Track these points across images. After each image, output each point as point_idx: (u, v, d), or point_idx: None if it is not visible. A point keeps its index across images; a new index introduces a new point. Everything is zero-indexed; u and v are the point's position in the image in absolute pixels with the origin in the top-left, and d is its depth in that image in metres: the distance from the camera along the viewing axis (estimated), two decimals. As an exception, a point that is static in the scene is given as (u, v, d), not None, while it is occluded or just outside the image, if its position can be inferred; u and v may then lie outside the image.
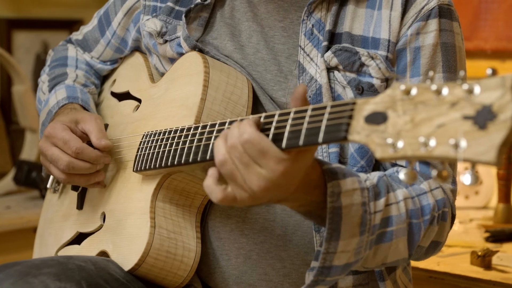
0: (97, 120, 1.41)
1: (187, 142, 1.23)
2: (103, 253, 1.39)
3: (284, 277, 1.33)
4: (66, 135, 1.38)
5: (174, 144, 1.26)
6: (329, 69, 1.32)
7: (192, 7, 1.42)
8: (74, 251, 1.46)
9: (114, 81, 1.60)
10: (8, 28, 2.90)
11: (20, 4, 2.95)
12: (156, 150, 1.30)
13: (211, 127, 1.19)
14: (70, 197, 1.53)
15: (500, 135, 0.82)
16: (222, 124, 1.17)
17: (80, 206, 1.49)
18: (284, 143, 1.05)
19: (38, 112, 1.63)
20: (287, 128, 1.05)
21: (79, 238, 1.47)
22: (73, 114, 1.45)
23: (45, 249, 1.55)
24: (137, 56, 1.57)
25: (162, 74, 1.47)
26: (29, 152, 2.80)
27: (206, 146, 1.18)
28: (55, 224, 1.55)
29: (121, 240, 1.36)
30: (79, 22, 3.00)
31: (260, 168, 1.04)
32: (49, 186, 1.57)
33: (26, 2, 2.97)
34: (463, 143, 0.84)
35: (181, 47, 1.41)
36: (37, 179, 2.66)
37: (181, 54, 1.40)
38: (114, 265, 1.33)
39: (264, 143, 1.04)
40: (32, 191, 2.79)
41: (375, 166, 1.34)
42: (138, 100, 1.49)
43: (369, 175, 1.21)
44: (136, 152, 1.37)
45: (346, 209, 1.12)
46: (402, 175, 0.92)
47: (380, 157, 0.92)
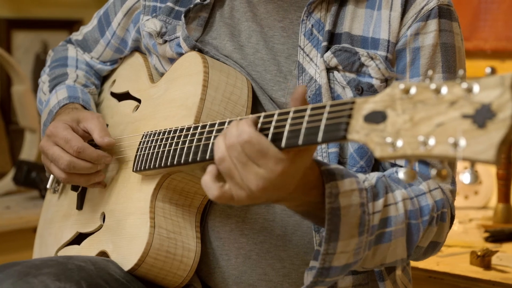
0: (99, 119, 1.41)
1: (187, 142, 1.23)
2: (103, 253, 1.39)
3: (284, 277, 1.33)
4: (68, 134, 1.38)
5: (174, 144, 1.26)
6: (329, 69, 1.32)
7: (192, 7, 1.42)
8: (74, 251, 1.46)
9: (114, 82, 1.60)
10: (8, 28, 2.90)
11: (20, 4, 2.95)
12: (156, 150, 1.30)
13: (211, 127, 1.19)
14: (70, 197, 1.53)
15: (499, 134, 0.82)
16: (222, 124, 1.17)
17: (80, 206, 1.49)
18: (284, 143, 1.05)
19: (40, 113, 1.63)
20: (287, 128, 1.05)
21: (79, 238, 1.47)
22: (75, 114, 1.45)
23: (45, 249, 1.55)
24: (137, 57, 1.57)
25: (162, 74, 1.47)
26: (29, 152, 2.80)
27: (206, 146, 1.18)
28: (55, 224, 1.55)
29: (121, 240, 1.36)
30: (79, 22, 3.00)
31: (258, 168, 1.04)
32: (49, 186, 1.57)
33: (26, 2, 2.96)
34: (462, 142, 0.84)
35: (181, 47, 1.41)
36: (37, 179, 2.66)
37: (181, 54, 1.40)
38: (114, 265, 1.33)
39: (264, 143, 1.04)
40: (32, 191, 2.79)
41: (375, 167, 1.34)
42: (138, 100, 1.49)
43: (368, 176, 1.20)
44: (136, 152, 1.36)
45: (345, 210, 1.11)
46: (402, 174, 0.92)
47: (380, 156, 0.92)
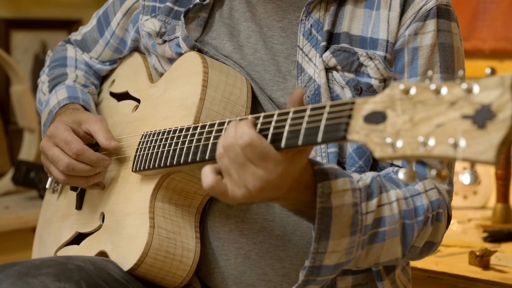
0: (103, 121, 1.41)
1: (186, 142, 1.23)
2: (102, 253, 1.39)
3: (283, 277, 1.33)
4: (68, 136, 1.38)
5: (173, 144, 1.26)
6: (328, 69, 1.32)
7: (191, 7, 1.41)
8: (73, 251, 1.46)
9: (113, 81, 1.60)
10: (7, 28, 2.90)
11: (19, 4, 2.95)
12: (155, 150, 1.30)
13: (210, 127, 1.19)
14: (69, 197, 1.53)
15: (499, 135, 0.82)
16: (221, 124, 1.17)
17: (79, 206, 1.49)
18: (283, 143, 1.05)
19: (39, 113, 1.63)
20: (286, 128, 1.05)
21: (78, 238, 1.47)
22: (76, 115, 1.44)
23: (44, 249, 1.55)
24: (136, 56, 1.57)
25: (161, 74, 1.47)
26: (28, 152, 2.80)
27: (205, 146, 1.18)
28: (54, 224, 1.55)
29: (120, 240, 1.36)
30: (78, 22, 3.00)
31: (257, 169, 1.04)
32: (48, 186, 1.57)
33: (25, 2, 2.96)
34: (462, 143, 0.84)
35: (180, 47, 1.41)
36: (36, 179, 2.66)
37: (180, 54, 1.40)
38: (113, 265, 1.33)
39: (265, 146, 1.04)
40: (31, 191, 2.79)
41: (373, 167, 1.34)
42: (137, 100, 1.49)
43: (363, 176, 1.20)
44: (135, 152, 1.36)
45: (337, 210, 1.12)
46: (402, 175, 0.92)
47: (379, 157, 0.92)
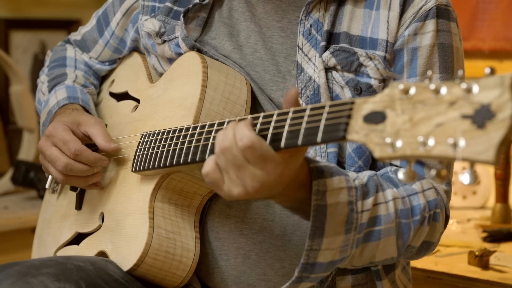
0: (102, 124, 1.42)
1: (186, 142, 1.23)
2: (102, 253, 1.39)
3: (283, 277, 1.33)
4: (67, 136, 1.38)
5: (173, 144, 1.26)
6: (327, 69, 1.32)
7: (190, 7, 1.41)
8: (73, 251, 1.46)
9: (113, 82, 1.60)
10: (6, 28, 2.90)
11: (18, 4, 2.95)
12: (155, 150, 1.30)
13: (210, 127, 1.19)
14: (69, 197, 1.53)
15: (499, 134, 0.82)
16: (221, 124, 1.17)
17: (79, 207, 1.49)
18: (283, 143, 1.05)
19: (38, 113, 1.63)
20: (286, 128, 1.05)
21: (78, 238, 1.47)
22: (75, 116, 1.44)
23: (44, 249, 1.55)
24: (136, 57, 1.57)
25: (161, 74, 1.47)
26: (27, 152, 2.80)
27: (205, 146, 1.18)
28: (54, 224, 1.55)
29: (120, 240, 1.36)
30: (77, 22, 3.00)
31: (255, 170, 1.05)
32: (48, 186, 1.57)
33: (24, 2, 2.96)
34: (462, 143, 0.84)
35: (180, 47, 1.41)
36: (35, 179, 2.66)
37: (180, 54, 1.40)
38: (113, 266, 1.33)
39: (265, 148, 1.05)
40: (30, 191, 2.79)
41: (373, 167, 1.34)
42: (137, 100, 1.49)
43: (359, 174, 1.21)
44: (135, 152, 1.36)
45: (332, 208, 1.12)
46: (401, 175, 0.92)
47: (379, 157, 0.92)
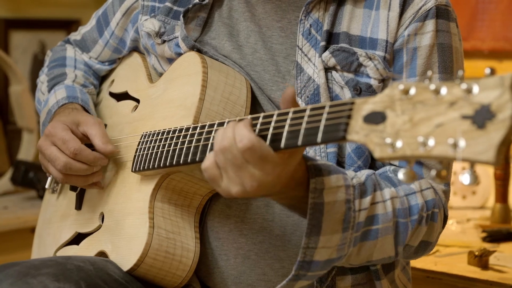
0: (101, 125, 1.41)
1: (186, 142, 1.23)
2: (102, 254, 1.39)
3: (283, 277, 1.33)
4: (66, 135, 1.38)
5: (173, 144, 1.26)
6: (327, 69, 1.32)
7: (190, 7, 1.41)
8: (73, 252, 1.45)
9: (113, 82, 1.60)
10: (5, 28, 2.90)
11: (17, 4, 2.95)
12: (155, 150, 1.30)
13: (210, 127, 1.19)
14: (69, 197, 1.53)
15: (499, 135, 0.82)
16: (221, 124, 1.17)
17: (79, 207, 1.49)
18: (283, 143, 1.05)
19: (38, 113, 1.63)
20: (286, 128, 1.05)
21: (78, 239, 1.47)
22: (75, 116, 1.44)
23: (44, 249, 1.55)
24: (135, 57, 1.57)
25: (161, 74, 1.47)
26: (26, 152, 2.80)
27: (205, 146, 1.18)
28: (54, 224, 1.55)
29: (120, 241, 1.36)
30: (77, 22, 3.00)
31: (255, 170, 1.05)
32: (48, 186, 1.57)
33: (23, 2, 2.96)
34: (462, 143, 0.84)
35: (179, 47, 1.41)
36: (34, 179, 2.66)
37: (179, 54, 1.40)
38: (113, 266, 1.33)
39: (264, 149, 1.05)
40: (29, 191, 2.79)
41: (372, 167, 1.34)
42: (137, 100, 1.49)
43: (358, 173, 1.21)
44: (135, 153, 1.36)
45: (329, 206, 1.12)
46: (401, 175, 0.92)
47: (379, 157, 0.92)
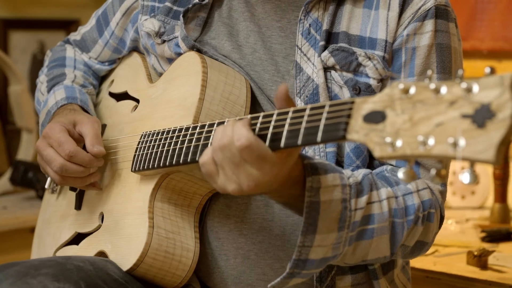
0: (95, 124, 1.41)
1: (185, 142, 1.23)
2: (102, 253, 1.39)
3: (283, 277, 1.33)
4: (62, 137, 1.38)
5: (173, 144, 1.26)
6: (326, 69, 1.32)
7: (190, 7, 1.42)
8: (73, 252, 1.45)
9: (112, 82, 1.60)
10: (4, 28, 2.90)
11: (17, 4, 2.95)
12: (154, 150, 1.30)
13: (209, 127, 1.19)
14: (69, 198, 1.53)
15: (499, 134, 0.82)
16: (220, 124, 1.17)
17: (78, 207, 1.49)
18: (283, 143, 1.05)
19: (38, 113, 1.63)
20: (286, 128, 1.05)
21: (78, 239, 1.47)
22: (72, 116, 1.44)
23: (44, 249, 1.55)
24: (135, 57, 1.57)
25: (160, 74, 1.47)
26: (26, 152, 2.80)
27: (204, 146, 1.18)
28: (53, 224, 1.55)
29: (120, 240, 1.36)
30: (76, 22, 3.00)
31: (252, 169, 1.05)
32: (47, 187, 1.57)
33: (23, 2, 2.96)
34: (462, 142, 0.84)
35: (179, 47, 1.41)
36: (34, 179, 2.65)
37: (179, 54, 1.40)
38: (113, 266, 1.33)
39: (262, 149, 1.05)
40: (29, 191, 2.79)
41: (370, 167, 1.34)
42: (136, 100, 1.49)
43: (355, 172, 1.21)
44: (134, 152, 1.36)
45: (325, 205, 1.12)
46: (401, 174, 0.92)
47: (379, 156, 0.92)
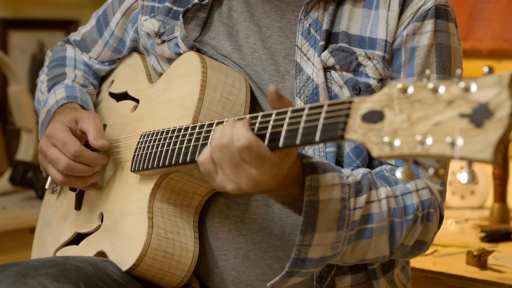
0: (96, 119, 1.41)
1: (185, 142, 1.23)
2: (101, 254, 1.39)
3: (282, 277, 1.33)
4: (66, 137, 1.37)
5: (172, 144, 1.26)
6: (326, 69, 1.32)
7: (190, 7, 1.42)
8: (72, 252, 1.46)
9: (112, 82, 1.60)
10: (4, 28, 2.90)
11: (16, 4, 2.95)
12: (154, 150, 1.30)
13: (209, 127, 1.19)
14: (68, 198, 1.53)
15: (497, 133, 0.82)
16: (220, 124, 1.17)
17: (78, 207, 1.49)
18: (281, 142, 1.05)
19: (38, 112, 1.63)
20: (284, 127, 1.06)
21: (77, 239, 1.47)
22: (73, 114, 1.44)
23: (44, 250, 1.55)
24: (135, 57, 1.57)
25: (160, 74, 1.47)
26: (25, 152, 2.80)
27: (204, 146, 1.18)
28: (53, 225, 1.55)
29: (119, 240, 1.36)
30: (76, 22, 3.00)
31: (251, 169, 1.05)
32: (48, 187, 1.57)
33: (22, 2, 2.96)
34: (460, 141, 0.84)
35: (179, 47, 1.41)
36: (33, 179, 2.66)
37: (179, 54, 1.41)
38: (112, 266, 1.33)
39: (262, 149, 1.05)
40: (28, 191, 2.79)
41: (370, 166, 1.34)
42: (136, 101, 1.49)
43: (354, 172, 1.21)
44: (134, 152, 1.36)
45: (324, 204, 1.12)
46: (399, 174, 0.92)
47: (377, 156, 0.92)
